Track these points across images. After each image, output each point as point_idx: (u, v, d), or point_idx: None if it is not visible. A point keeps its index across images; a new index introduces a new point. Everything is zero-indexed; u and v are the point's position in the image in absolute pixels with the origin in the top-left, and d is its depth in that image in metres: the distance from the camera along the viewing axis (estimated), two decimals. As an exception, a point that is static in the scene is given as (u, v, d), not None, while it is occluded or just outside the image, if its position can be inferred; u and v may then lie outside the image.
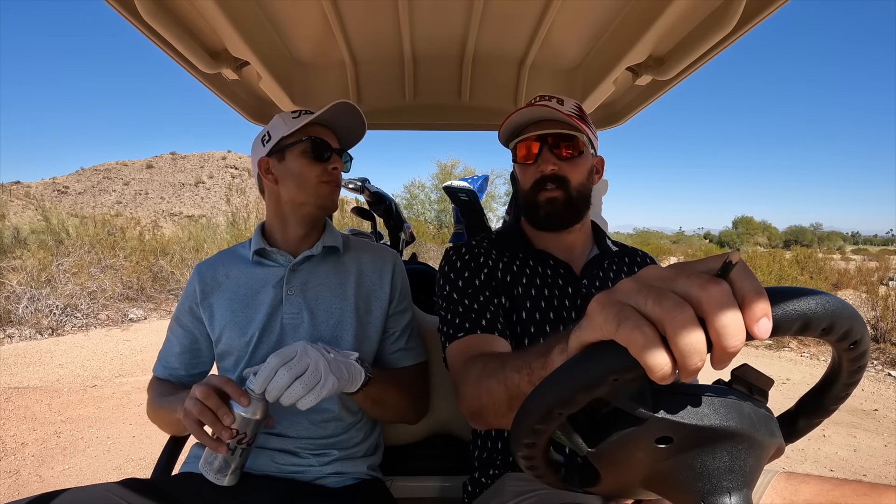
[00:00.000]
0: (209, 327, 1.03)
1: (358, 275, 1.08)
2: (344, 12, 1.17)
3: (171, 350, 1.07)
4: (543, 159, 0.97)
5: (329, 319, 1.03)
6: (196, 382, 1.05)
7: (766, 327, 0.32)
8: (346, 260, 1.10)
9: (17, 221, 8.62)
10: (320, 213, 1.07)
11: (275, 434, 0.98)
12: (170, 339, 1.08)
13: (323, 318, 1.03)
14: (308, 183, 1.03)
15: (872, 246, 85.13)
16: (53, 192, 46.48)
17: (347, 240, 1.14)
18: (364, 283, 1.08)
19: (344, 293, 1.05)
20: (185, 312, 1.06)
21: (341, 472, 1.00)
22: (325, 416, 1.00)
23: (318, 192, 1.04)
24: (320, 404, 0.99)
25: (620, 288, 0.37)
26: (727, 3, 0.95)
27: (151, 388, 1.06)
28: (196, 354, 1.06)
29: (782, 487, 0.77)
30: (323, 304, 1.03)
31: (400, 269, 1.14)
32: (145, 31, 1.00)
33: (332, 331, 1.02)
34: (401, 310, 1.12)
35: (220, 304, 1.03)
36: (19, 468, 2.66)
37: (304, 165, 1.03)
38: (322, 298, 1.04)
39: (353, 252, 1.12)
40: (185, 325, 1.06)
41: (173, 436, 1.11)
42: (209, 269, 1.08)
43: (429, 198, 19.16)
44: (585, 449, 0.43)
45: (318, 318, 1.02)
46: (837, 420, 3.56)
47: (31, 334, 5.59)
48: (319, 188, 1.03)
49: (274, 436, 0.98)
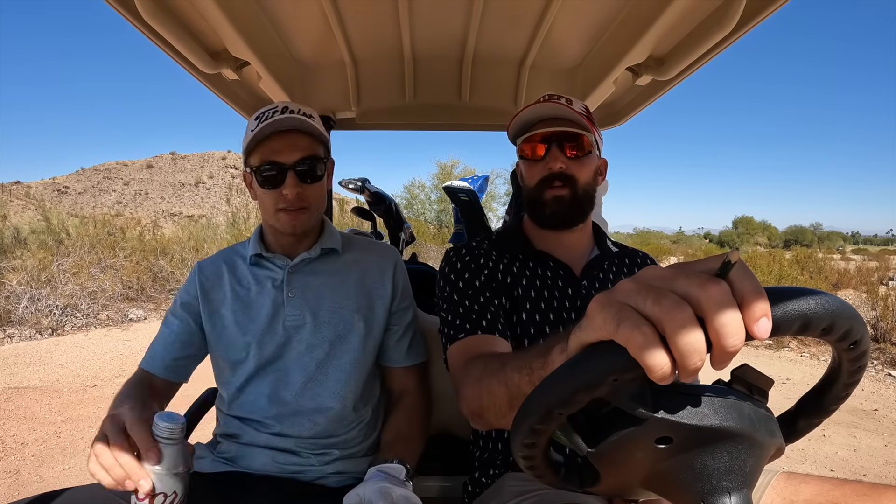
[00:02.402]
0: (209, 326, 1.03)
1: (359, 274, 1.07)
2: (344, 12, 1.17)
3: (160, 340, 1.04)
4: (552, 157, 0.96)
5: (332, 320, 1.02)
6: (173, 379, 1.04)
7: (766, 327, 0.32)
8: (346, 260, 1.08)
9: (17, 221, 8.62)
10: (290, 238, 1.02)
11: (276, 434, 0.98)
12: (162, 331, 1.06)
13: (326, 318, 1.02)
14: (268, 210, 0.99)
15: (872, 246, 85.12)
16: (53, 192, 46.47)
17: (348, 239, 1.13)
18: (366, 282, 1.07)
19: (346, 293, 1.04)
20: (182, 306, 1.04)
21: (342, 471, 1.00)
22: (328, 414, 1.00)
23: (277, 220, 0.98)
24: (323, 403, 0.99)
25: (620, 288, 0.37)
26: (727, 3, 0.95)
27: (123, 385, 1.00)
28: (184, 346, 1.03)
29: (782, 487, 0.77)
30: (326, 305, 1.02)
31: (401, 267, 1.13)
32: (145, 32, 1.01)
33: (336, 331, 1.02)
34: (403, 307, 1.11)
35: (220, 303, 1.03)
36: (19, 468, 2.66)
37: (261, 192, 0.98)
38: (324, 299, 1.03)
39: (354, 251, 1.11)
40: (181, 317, 1.04)
41: None
42: (211, 267, 1.07)
43: (429, 198, 19.16)
44: (585, 449, 0.43)
45: (320, 319, 1.01)
46: (837, 420, 3.56)
47: (32, 334, 5.59)
48: (278, 216, 0.97)
49: (275, 435, 0.98)
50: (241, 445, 0.99)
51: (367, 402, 1.07)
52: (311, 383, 0.99)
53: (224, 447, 1.01)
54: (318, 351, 1.01)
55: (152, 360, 1.04)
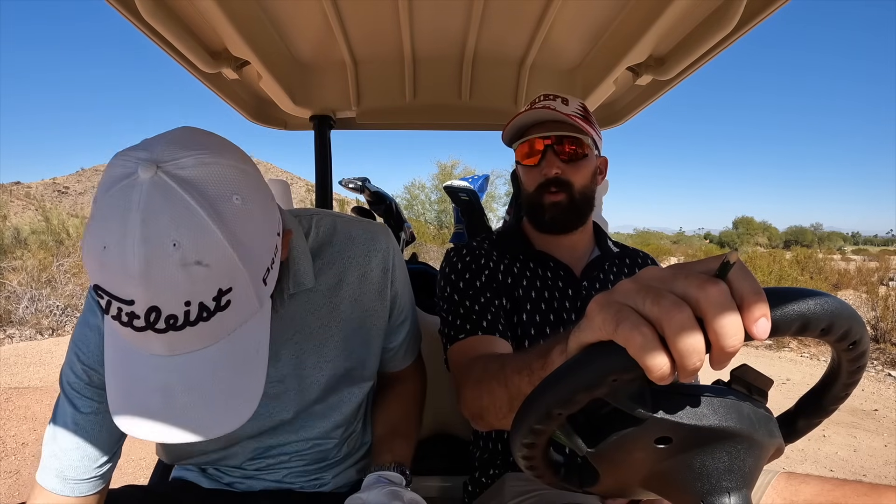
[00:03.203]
0: None
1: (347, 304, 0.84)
2: (344, 12, 1.17)
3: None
4: (547, 162, 0.96)
5: (320, 378, 0.83)
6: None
7: (765, 327, 0.32)
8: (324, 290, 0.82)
9: (17, 222, 8.64)
10: None
11: (262, 470, 0.90)
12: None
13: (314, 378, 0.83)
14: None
15: (873, 246, 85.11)
16: (54, 192, 46.48)
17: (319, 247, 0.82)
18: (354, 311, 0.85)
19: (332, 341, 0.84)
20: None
21: (336, 486, 0.94)
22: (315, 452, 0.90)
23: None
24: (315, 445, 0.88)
25: (619, 289, 0.37)
26: (728, 2, 0.95)
27: None
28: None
29: (782, 487, 0.77)
30: (310, 363, 0.82)
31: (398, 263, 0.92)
32: (146, 31, 1.01)
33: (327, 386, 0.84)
34: (400, 322, 0.93)
35: None
36: (20, 468, 2.67)
37: None
38: (307, 356, 0.82)
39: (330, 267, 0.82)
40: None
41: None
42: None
43: (429, 198, 19.17)
44: (585, 449, 0.43)
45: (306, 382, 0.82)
46: (837, 420, 3.56)
47: (32, 334, 5.60)
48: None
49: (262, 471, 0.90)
50: (232, 476, 0.90)
51: (356, 412, 0.94)
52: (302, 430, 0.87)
53: (211, 472, 0.92)
54: (306, 413, 0.85)
55: None
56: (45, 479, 0.72)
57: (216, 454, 0.86)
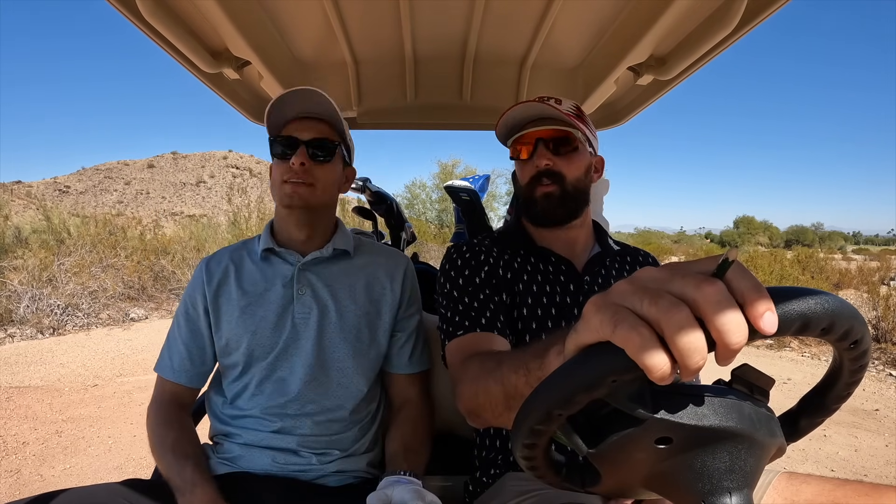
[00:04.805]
0: (214, 321, 1.02)
1: (368, 278, 1.08)
2: (345, 12, 1.17)
3: (177, 349, 1.03)
4: (538, 155, 0.98)
5: (339, 321, 1.02)
6: (199, 386, 1.05)
7: (772, 321, 0.32)
8: (356, 263, 1.09)
9: (18, 221, 8.64)
10: (289, 214, 1.03)
11: (276, 432, 0.98)
12: (175, 336, 1.05)
13: (333, 319, 1.02)
14: (275, 183, 1.01)
15: (874, 246, 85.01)
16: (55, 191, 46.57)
17: (359, 242, 1.13)
18: (374, 287, 1.07)
19: (354, 296, 1.05)
20: (192, 307, 1.04)
21: (342, 470, 1.00)
22: (330, 415, 1.00)
23: (281, 191, 1.00)
24: (324, 403, 0.99)
25: (615, 290, 0.37)
26: (728, 2, 0.95)
27: (155, 410, 1.01)
28: (201, 353, 1.04)
29: (783, 487, 0.77)
30: (333, 306, 1.03)
31: (411, 274, 1.13)
32: (146, 31, 1.01)
33: (342, 333, 1.02)
34: (409, 314, 1.11)
35: (227, 298, 1.02)
36: (20, 467, 2.67)
37: (274, 166, 1.02)
38: (332, 300, 1.03)
39: (364, 255, 1.11)
40: (192, 320, 1.03)
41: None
42: (216, 263, 1.06)
43: (430, 197, 19.16)
44: (585, 449, 0.43)
45: (328, 319, 1.02)
46: (838, 420, 3.55)
47: (33, 334, 5.60)
48: (282, 187, 0.99)
49: (275, 433, 0.98)
50: (242, 446, 0.99)
51: (368, 404, 1.07)
52: (313, 383, 0.99)
53: (225, 448, 1.01)
54: (322, 350, 1.01)
55: (176, 371, 1.03)
56: (163, 369, 1.04)
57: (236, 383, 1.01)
